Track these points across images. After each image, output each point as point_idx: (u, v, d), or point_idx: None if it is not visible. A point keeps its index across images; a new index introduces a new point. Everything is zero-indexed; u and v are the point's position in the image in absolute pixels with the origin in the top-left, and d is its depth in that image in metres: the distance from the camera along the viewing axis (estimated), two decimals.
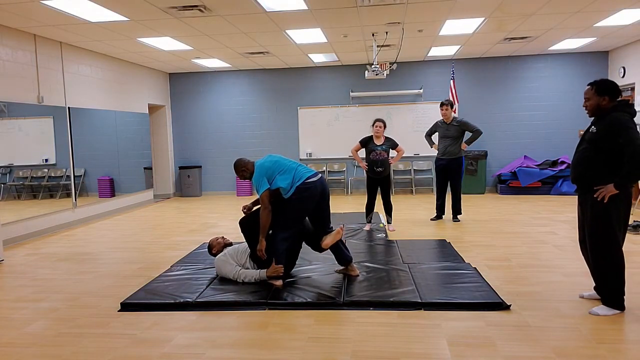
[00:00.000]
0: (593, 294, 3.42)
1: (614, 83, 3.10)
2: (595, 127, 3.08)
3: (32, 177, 6.61)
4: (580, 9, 6.00)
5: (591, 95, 3.12)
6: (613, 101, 3.07)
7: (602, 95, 3.07)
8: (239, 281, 3.93)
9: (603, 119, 3.06)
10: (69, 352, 2.85)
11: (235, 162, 4.03)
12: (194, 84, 10.31)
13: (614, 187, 2.97)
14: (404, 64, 9.59)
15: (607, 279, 3.13)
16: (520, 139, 9.47)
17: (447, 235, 5.69)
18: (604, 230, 3.07)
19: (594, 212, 3.09)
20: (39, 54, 6.56)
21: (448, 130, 6.49)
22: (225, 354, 2.77)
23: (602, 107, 3.08)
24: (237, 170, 4.00)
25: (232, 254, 4.10)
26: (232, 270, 3.98)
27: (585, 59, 9.18)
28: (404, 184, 9.97)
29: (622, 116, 2.99)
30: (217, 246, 4.35)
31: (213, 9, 5.49)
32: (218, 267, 4.11)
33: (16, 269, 4.79)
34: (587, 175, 3.11)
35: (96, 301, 3.74)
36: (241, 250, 4.12)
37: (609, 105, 3.06)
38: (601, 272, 3.15)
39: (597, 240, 3.12)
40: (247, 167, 3.96)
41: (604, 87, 3.07)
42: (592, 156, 3.08)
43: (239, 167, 3.99)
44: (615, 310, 3.13)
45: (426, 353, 2.72)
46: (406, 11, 5.81)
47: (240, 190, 10.23)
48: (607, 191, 2.99)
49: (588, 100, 3.15)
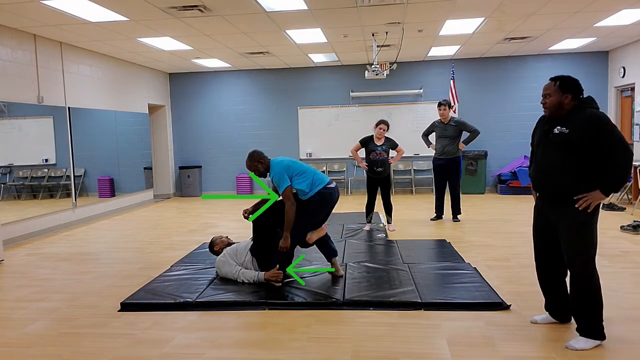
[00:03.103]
0: (547, 318, 3.05)
1: (578, 81, 2.73)
2: (564, 127, 2.67)
3: (32, 177, 6.61)
4: (580, 9, 6.00)
5: (553, 92, 2.72)
6: (576, 100, 2.70)
7: (566, 92, 2.69)
8: (238, 281, 3.94)
9: (574, 118, 2.66)
10: (69, 352, 2.86)
11: (252, 152, 3.92)
12: (194, 84, 10.31)
13: (600, 193, 2.59)
14: (404, 64, 9.59)
15: (587, 304, 2.70)
16: (520, 139, 9.47)
17: (447, 235, 5.69)
18: (587, 246, 2.67)
19: (576, 227, 2.67)
20: (39, 54, 6.56)
21: (446, 130, 6.50)
22: (225, 354, 2.78)
23: (563, 105, 2.70)
24: (253, 160, 3.89)
25: (231, 254, 4.10)
26: (232, 270, 3.98)
27: (585, 59, 9.18)
28: (404, 184, 9.98)
29: (599, 113, 2.63)
30: (220, 244, 4.34)
31: (213, 9, 5.49)
32: (218, 268, 4.11)
33: (16, 269, 4.79)
34: (563, 183, 2.69)
35: (96, 301, 3.74)
36: (240, 249, 4.12)
37: (572, 103, 2.69)
38: (582, 297, 2.70)
39: (580, 260, 2.68)
40: (264, 161, 3.90)
41: (568, 84, 2.70)
42: (565, 161, 2.67)
43: (255, 158, 3.89)
44: (596, 341, 2.70)
45: (426, 353, 2.72)
46: (406, 11, 5.81)
47: (240, 190, 10.23)
48: (594, 199, 2.60)
49: (548, 97, 2.74)
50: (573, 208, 2.65)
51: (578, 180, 2.65)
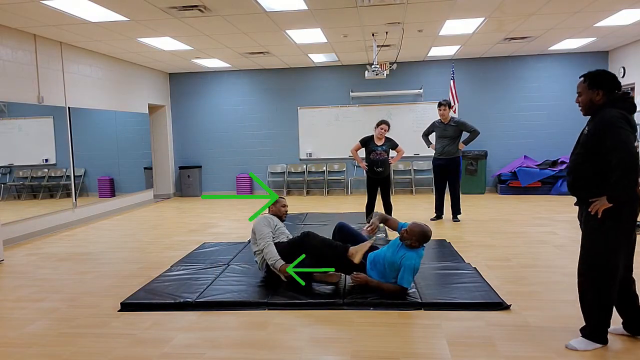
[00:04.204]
0: (618, 329, 2.81)
1: (611, 74, 2.58)
2: (587, 128, 2.60)
3: (32, 177, 6.61)
4: (580, 9, 6.00)
5: (582, 90, 2.63)
6: (609, 95, 2.55)
7: (595, 88, 2.56)
8: (259, 246, 3.93)
9: (595, 117, 2.56)
10: (69, 352, 2.86)
11: (427, 230, 3.55)
12: (194, 84, 10.31)
13: (607, 200, 2.47)
14: (404, 64, 9.59)
15: (591, 310, 2.65)
16: (520, 139, 9.47)
17: (447, 235, 5.69)
18: (595, 253, 2.57)
19: (587, 229, 2.62)
20: (39, 54, 6.56)
21: (446, 130, 6.50)
22: (225, 354, 2.78)
23: (595, 102, 2.58)
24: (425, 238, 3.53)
25: (272, 221, 4.11)
26: (266, 236, 3.92)
27: (585, 59, 9.18)
28: (404, 184, 9.97)
29: (613, 113, 2.47)
30: (278, 211, 4.32)
31: (213, 9, 5.49)
32: (257, 222, 4.07)
33: (16, 269, 4.79)
34: (578, 185, 2.64)
35: (96, 301, 3.74)
36: (281, 226, 4.17)
37: (603, 100, 2.56)
38: (587, 302, 2.65)
39: (585, 264, 2.62)
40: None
41: (598, 80, 2.57)
42: (582, 162, 2.59)
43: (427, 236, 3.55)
44: (596, 344, 2.66)
45: (426, 353, 2.72)
46: (406, 11, 5.81)
47: (240, 190, 10.23)
48: (600, 204, 2.49)
49: (580, 95, 2.65)
50: (587, 211, 2.59)
51: (592, 184, 2.57)
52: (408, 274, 3.46)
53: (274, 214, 4.29)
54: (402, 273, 3.46)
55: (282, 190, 10.13)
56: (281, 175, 10.21)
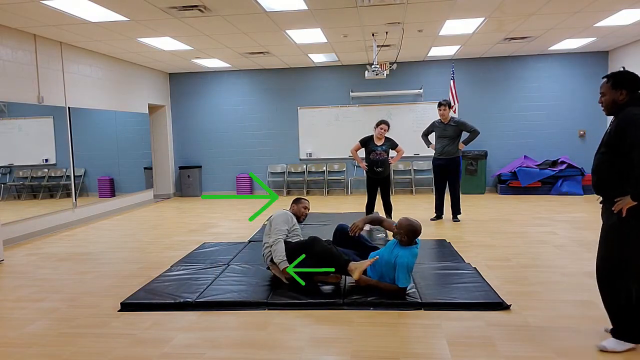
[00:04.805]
0: None
1: (633, 74, 2.61)
2: (610, 127, 2.64)
3: (32, 177, 6.61)
4: (580, 9, 6.00)
5: (606, 90, 2.66)
6: (632, 95, 2.58)
7: (619, 88, 2.60)
8: (268, 242, 3.94)
9: (617, 116, 2.60)
10: (69, 352, 2.86)
11: (415, 223, 3.57)
12: (194, 84, 10.31)
13: (631, 199, 2.47)
14: (404, 64, 9.59)
15: (616, 310, 2.64)
16: (520, 139, 9.47)
17: (447, 235, 5.69)
18: (613, 249, 2.59)
19: (606, 226, 2.64)
20: (39, 54, 6.56)
21: (446, 130, 6.50)
22: (225, 354, 2.78)
23: (618, 102, 2.61)
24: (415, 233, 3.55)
25: (291, 218, 4.11)
26: (280, 232, 3.93)
27: (585, 59, 9.18)
28: (404, 184, 9.97)
29: (635, 111, 2.50)
30: (298, 211, 4.30)
31: (213, 9, 5.49)
32: (278, 215, 4.07)
33: (16, 269, 4.79)
34: (602, 184, 2.66)
35: (96, 301, 3.74)
36: (297, 228, 4.16)
37: (626, 99, 2.59)
38: (607, 300, 2.67)
39: (604, 261, 2.64)
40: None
41: (621, 79, 2.60)
42: (605, 161, 2.62)
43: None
44: (628, 344, 2.62)
45: (426, 353, 2.72)
46: (406, 11, 5.81)
47: (240, 190, 10.23)
48: (624, 203, 2.50)
49: (603, 96, 2.69)
50: (610, 210, 2.60)
51: (615, 183, 2.58)
52: (402, 273, 3.46)
53: (294, 213, 4.27)
54: (397, 272, 3.48)
55: (282, 190, 10.13)
56: (281, 175, 10.21)
